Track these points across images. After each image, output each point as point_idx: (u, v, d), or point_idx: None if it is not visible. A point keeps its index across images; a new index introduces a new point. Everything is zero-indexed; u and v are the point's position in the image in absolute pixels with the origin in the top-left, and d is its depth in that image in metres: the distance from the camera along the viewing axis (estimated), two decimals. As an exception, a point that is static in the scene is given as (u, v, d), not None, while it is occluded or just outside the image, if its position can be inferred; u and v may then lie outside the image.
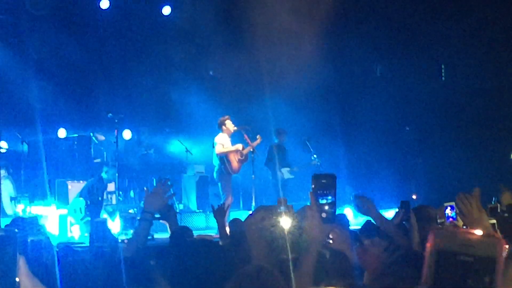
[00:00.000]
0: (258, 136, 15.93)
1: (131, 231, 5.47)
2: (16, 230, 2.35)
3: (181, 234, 5.96)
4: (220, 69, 19.37)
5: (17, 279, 2.29)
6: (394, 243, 5.44)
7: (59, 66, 18.13)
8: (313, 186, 3.39)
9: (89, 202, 14.30)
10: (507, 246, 1.99)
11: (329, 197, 3.38)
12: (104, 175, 14.94)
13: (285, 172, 17.54)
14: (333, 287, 2.02)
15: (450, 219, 6.33)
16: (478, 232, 1.97)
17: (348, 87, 20.52)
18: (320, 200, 3.38)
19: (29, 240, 5.86)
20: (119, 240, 5.66)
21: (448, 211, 6.31)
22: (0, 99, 17.39)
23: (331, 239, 5.03)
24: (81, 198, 14.47)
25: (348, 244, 4.97)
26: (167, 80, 19.51)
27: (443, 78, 20.23)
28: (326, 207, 3.38)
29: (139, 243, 5.33)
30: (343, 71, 20.53)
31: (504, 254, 1.98)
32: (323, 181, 3.39)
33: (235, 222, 9.18)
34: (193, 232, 7.43)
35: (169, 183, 5.69)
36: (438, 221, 6.91)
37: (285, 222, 3.72)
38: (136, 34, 19.19)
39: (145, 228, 5.44)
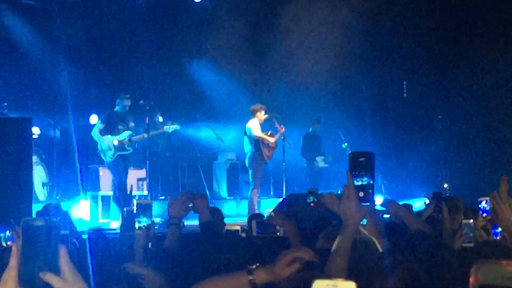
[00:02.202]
0: (282, 126, 15.94)
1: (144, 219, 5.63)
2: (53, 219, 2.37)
3: (210, 226, 5.97)
4: (251, 56, 19.34)
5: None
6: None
7: (91, 52, 18.21)
8: (350, 164, 3.32)
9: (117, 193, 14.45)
10: None
11: (365, 177, 3.32)
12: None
13: (320, 161, 17.58)
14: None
15: (484, 213, 6.27)
16: None
17: (378, 74, 20.39)
18: (357, 179, 3.31)
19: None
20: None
21: (483, 204, 6.25)
22: (32, 86, 17.53)
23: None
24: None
25: (378, 231, 4.90)
26: (199, 67, 19.51)
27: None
28: (363, 187, 3.31)
29: (172, 244, 5.46)
30: (373, 56, 20.40)
31: None
32: (361, 159, 3.33)
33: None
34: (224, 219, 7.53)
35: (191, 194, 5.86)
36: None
37: None
38: (167, 21, 19.18)
39: (175, 232, 5.64)
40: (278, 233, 5.62)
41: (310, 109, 19.23)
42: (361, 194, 3.29)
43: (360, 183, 3.30)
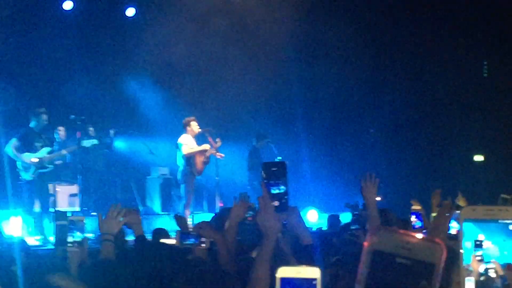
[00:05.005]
0: (217, 139, 15.93)
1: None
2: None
3: (144, 240, 6.00)
4: (184, 69, 19.34)
5: None
6: None
7: (21, 67, 17.96)
8: (263, 175, 3.36)
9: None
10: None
11: (281, 185, 3.36)
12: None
13: None
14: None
15: (416, 225, 6.35)
16: (419, 235, 1.94)
17: (312, 84, 20.53)
18: (272, 189, 3.36)
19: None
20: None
21: (413, 218, 6.32)
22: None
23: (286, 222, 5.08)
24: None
25: (302, 226, 5.00)
26: (131, 81, 19.43)
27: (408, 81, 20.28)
28: (279, 196, 3.35)
29: (108, 260, 5.46)
30: (309, 69, 20.53)
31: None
32: (274, 169, 3.38)
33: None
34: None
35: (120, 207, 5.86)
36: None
37: None
38: (99, 36, 19.07)
39: (109, 248, 5.61)
40: (203, 244, 5.63)
41: (244, 123, 19.28)
42: (276, 203, 3.35)
43: (277, 191, 3.35)
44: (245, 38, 19.12)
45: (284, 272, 2.03)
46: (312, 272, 2.02)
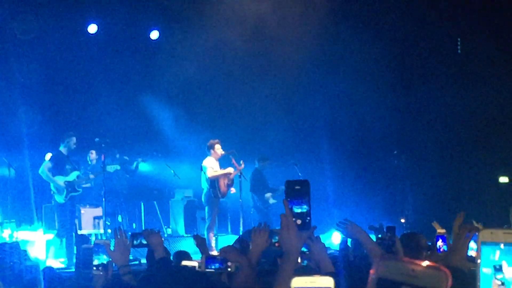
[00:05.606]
0: (241, 162, 15.94)
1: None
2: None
3: (166, 262, 5.99)
4: (207, 91, 19.44)
5: None
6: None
7: (46, 90, 18.07)
8: (286, 193, 3.37)
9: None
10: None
11: (304, 205, 3.36)
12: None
13: (269, 197, 17.54)
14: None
15: (441, 249, 6.30)
16: (424, 263, 1.95)
17: (336, 104, 20.49)
18: (294, 207, 3.36)
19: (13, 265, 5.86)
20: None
21: (440, 243, 6.27)
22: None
23: (308, 250, 5.09)
24: None
25: (324, 254, 5.00)
26: (155, 104, 19.50)
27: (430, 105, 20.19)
28: (301, 214, 3.35)
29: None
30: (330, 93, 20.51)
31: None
32: (297, 187, 3.37)
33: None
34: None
35: (123, 230, 5.85)
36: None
37: None
38: (124, 58, 19.15)
39: (131, 279, 5.66)
40: (229, 269, 5.60)
41: (266, 145, 19.25)
42: (299, 221, 3.34)
43: (299, 210, 3.34)
44: (267, 58, 19.16)
45: (298, 282, 2.06)
46: (326, 282, 2.05)
